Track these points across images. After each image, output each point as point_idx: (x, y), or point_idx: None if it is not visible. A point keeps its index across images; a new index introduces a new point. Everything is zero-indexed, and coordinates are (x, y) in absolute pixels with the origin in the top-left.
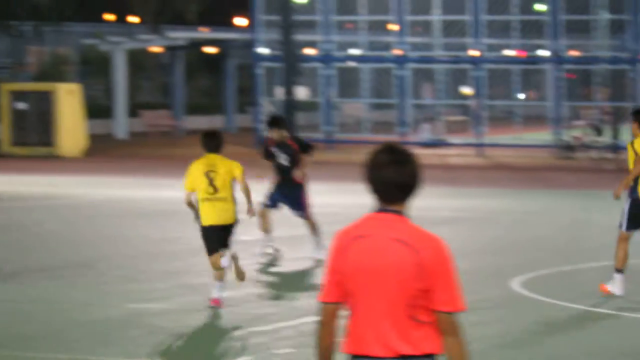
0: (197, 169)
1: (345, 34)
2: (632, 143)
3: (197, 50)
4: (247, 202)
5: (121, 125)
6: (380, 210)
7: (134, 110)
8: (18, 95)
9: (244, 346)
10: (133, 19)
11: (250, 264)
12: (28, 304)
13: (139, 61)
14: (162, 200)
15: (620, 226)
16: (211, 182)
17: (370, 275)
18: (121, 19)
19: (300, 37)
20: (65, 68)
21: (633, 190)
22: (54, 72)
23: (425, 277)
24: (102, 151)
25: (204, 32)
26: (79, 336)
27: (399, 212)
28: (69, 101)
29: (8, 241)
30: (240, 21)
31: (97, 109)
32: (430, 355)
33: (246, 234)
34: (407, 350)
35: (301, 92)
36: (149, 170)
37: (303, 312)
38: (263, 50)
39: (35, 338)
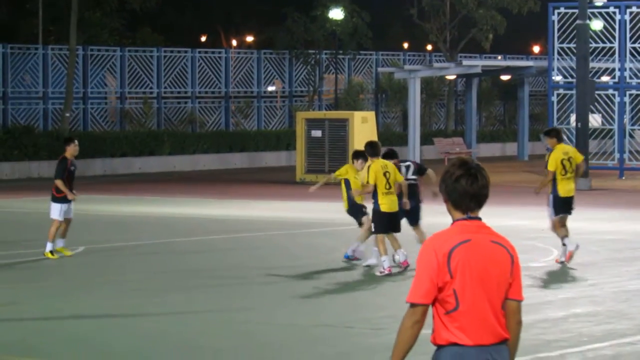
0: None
1: None
2: (551, 153)
3: (491, 78)
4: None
5: (414, 152)
6: (467, 218)
7: (428, 137)
8: (313, 123)
9: None
10: (429, 47)
11: (541, 289)
12: None
13: (432, 89)
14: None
15: (551, 216)
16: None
17: (479, 274)
18: (416, 48)
19: (594, 64)
20: (361, 96)
21: (553, 189)
22: (349, 100)
23: (513, 273)
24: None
25: (498, 60)
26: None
27: (480, 219)
28: (362, 128)
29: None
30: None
31: (393, 137)
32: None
33: (537, 261)
34: (505, 335)
35: (595, 120)
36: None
37: (590, 339)
38: (557, 78)
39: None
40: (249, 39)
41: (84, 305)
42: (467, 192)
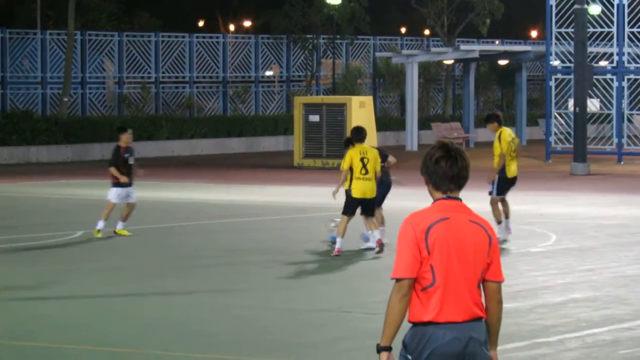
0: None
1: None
2: (498, 137)
3: (489, 63)
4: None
5: (412, 137)
6: (447, 198)
7: (426, 122)
8: (311, 108)
9: (528, 357)
10: (427, 32)
11: (540, 275)
12: None
13: (430, 73)
14: None
15: (491, 193)
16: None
17: (456, 252)
18: (414, 32)
19: (592, 49)
20: (358, 81)
21: (501, 171)
22: (347, 85)
23: (491, 253)
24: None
25: (496, 45)
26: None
27: (460, 199)
28: (360, 113)
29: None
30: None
31: (390, 122)
32: (483, 318)
33: (535, 246)
34: (479, 313)
35: (593, 104)
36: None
37: (589, 324)
38: (555, 63)
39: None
40: (247, 23)
41: (79, 290)
42: (447, 173)
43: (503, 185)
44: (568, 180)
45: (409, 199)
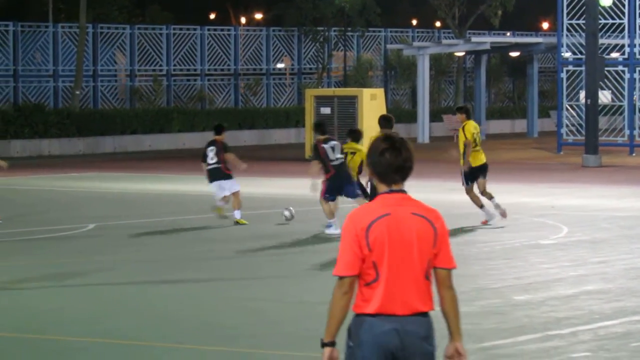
0: None
1: None
2: (462, 128)
3: (500, 55)
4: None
5: (424, 129)
6: (390, 192)
7: (437, 114)
8: (322, 100)
9: (540, 349)
10: (438, 24)
11: (552, 267)
12: None
13: (441, 65)
14: (462, 203)
15: (464, 184)
16: None
17: (398, 247)
18: (425, 24)
19: (604, 40)
20: (370, 73)
21: (465, 161)
22: (358, 77)
23: (438, 243)
24: None
25: (507, 37)
26: None
27: (404, 191)
28: (371, 105)
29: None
30: (543, 25)
31: (402, 114)
32: (428, 313)
33: (547, 238)
34: (422, 307)
35: (604, 96)
36: (449, 174)
37: (601, 317)
38: (566, 54)
39: None
40: (258, 16)
41: (91, 283)
42: (392, 164)
43: (471, 174)
44: (579, 172)
45: (423, 191)
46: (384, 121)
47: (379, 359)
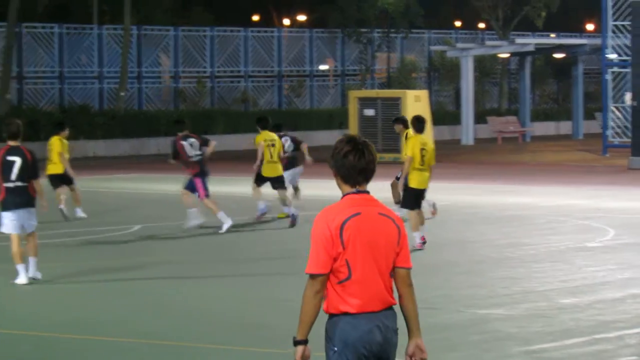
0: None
1: None
2: (405, 137)
3: (545, 56)
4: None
5: (468, 131)
6: (356, 192)
7: (481, 116)
8: (366, 102)
9: (587, 353)
10: (481, 25)
11: (598, 270)
12: None
13: (485, 67)
14: (507, 206)
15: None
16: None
17: (369, 245)
18: (469, 26)
19: None
20: (413, 74)
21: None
22: (402, 78)
23: (401, 242)
24: (448, 157)
25: (551, 38)
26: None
27: (368, 192)
28: (416, 107)
29: None
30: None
31: (445, 116)
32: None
33: (593, 241)
34: (392, 301)
35: None
36: (494, 176)
37: None
38: (612, 56)
39: None
40: (301, 18)
41: (142, 284)
42: (355, 166)
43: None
44: (625, 175)
45: (470, 193)
46: (417, 122)
47: (367, 356)
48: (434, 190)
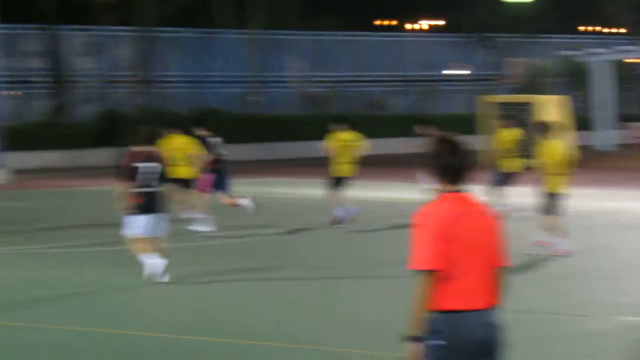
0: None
1: None
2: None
3: None
4: None
5: (604, 136)
6: (456, 191)
7: (617, 122)
8: (502, 107)
9: None
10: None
11: None
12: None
13: (620, 72)
14: (628, 211)
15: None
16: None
17: (477, 242)
18: (601, 31)
19: None
20: (544, 80)
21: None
22: (535, 84)
23: (500, 241)
24: (582, 163)
25: None
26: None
27: (466, 191)
28: (552, 112)
29: None
30: None
31: (579, 121)
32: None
33: None
34: (495, 301)
35: None
36: (628, 182)
37: None
38: None
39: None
40: (429, 22)
41: (279, 286)
42: (452, 166)
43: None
44: None
45: (607, 199)
46: (542, 127)
47: (474, 352)
48: (577, 196)
